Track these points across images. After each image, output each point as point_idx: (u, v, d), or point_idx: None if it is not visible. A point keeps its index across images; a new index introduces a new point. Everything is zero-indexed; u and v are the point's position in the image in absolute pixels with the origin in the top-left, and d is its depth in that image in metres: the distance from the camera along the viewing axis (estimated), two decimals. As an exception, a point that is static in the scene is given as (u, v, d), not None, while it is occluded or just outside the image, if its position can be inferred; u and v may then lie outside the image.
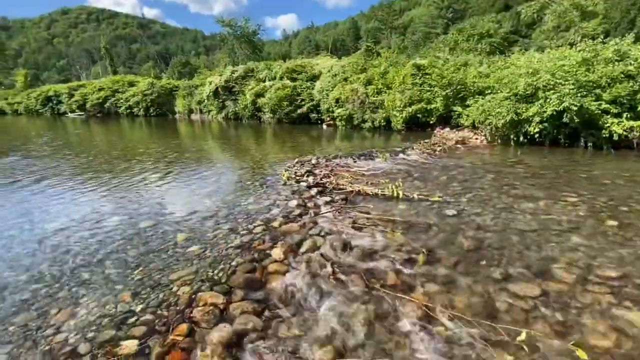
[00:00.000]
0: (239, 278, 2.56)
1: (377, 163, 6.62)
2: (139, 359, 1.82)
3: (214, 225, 3.65)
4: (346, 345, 1.94)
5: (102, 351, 1.86)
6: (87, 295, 2.41)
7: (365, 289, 2.46)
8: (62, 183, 5.68)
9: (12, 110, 34.49)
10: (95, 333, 2.02)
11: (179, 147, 10.04)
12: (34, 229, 3.67)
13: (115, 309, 2.24)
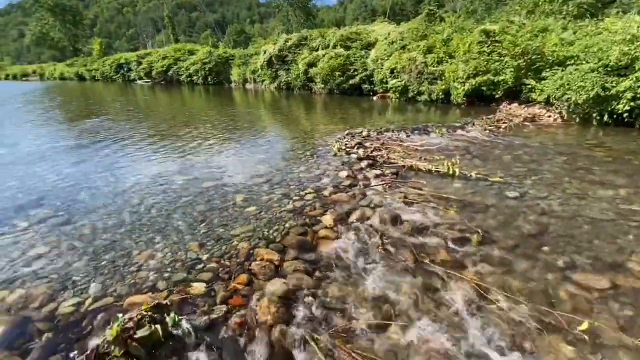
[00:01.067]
0: (292, 239, 2.72)
1: (432, 138, 6.31)
2: (206, 299, 2.06)
3: (268, 189, 3.85)
4: (392, 311, 2.00)
5: (176, 289, 2.14)
6: (161, 242, 2.75)
7: (413, 262, 2.47)
8: (135, 144, 6.34)
9: (91, 77, 38.40)
10: (170, 274, 2.32)
11: (235, 115, 10.49)
12: (114, 183, 4.19)
13: (185, 256, 2.54)
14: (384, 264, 2.44)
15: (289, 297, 2.09)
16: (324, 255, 2.56)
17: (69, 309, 1.98)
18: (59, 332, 1.82)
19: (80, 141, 6.69)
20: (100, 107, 13.50)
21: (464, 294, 2.15)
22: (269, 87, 20.35)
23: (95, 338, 1.73)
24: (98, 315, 1.92)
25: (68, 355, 1.66)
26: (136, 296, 2.07)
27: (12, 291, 2.15)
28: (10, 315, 1.95)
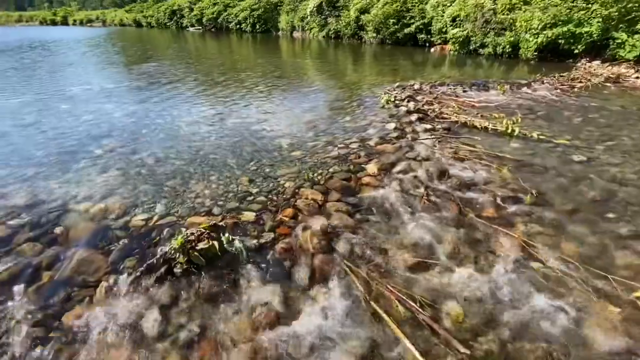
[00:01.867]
0: (335, 183, 2.78)
1: (493, 95, 5.76)
2: (256, 226, 2.24)
3: (313, 136, 3.88)
4: (431, 256, 2.03)
5: (229, 215, 2.34)
6: (215, 175, 2.96)
7: (458, 215, 2.42)
8: (188, 88, 6.61)
9: (146, 23, 39.49)
10: (224, 202, 2.53)
11: (282, 64, 10.35)
12: (172, 121, 4.48)
13: (236, 188, 2.73)
14: (426, 213, 2.43)
15: (331, 233, 2.19)
16: (365, 200, 2.60)
17: (140, 222, 2.28)
18: (133, 239, 2.12)
19: (140, 83, 7.12)
20: (156, 52, 14.03)
21: (509, 250, 2.10)
22: (317, 36, 19.52)
23: (162, 247, 2.00)
24: (164, 229, 2.19)
25: (141, 258, 1.95)
26: (195, 217, 2.31)
27: (94, 204, 2.50)
28: (94, 222, 2.29)
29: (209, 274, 1.83)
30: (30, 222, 2.27)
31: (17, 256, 1.97)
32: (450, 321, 1.62)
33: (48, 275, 1.83)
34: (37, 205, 2.46)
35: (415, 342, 1.50)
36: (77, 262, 1.89)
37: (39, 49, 14.72)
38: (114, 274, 1.83)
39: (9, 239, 2.11)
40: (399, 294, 1.74)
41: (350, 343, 1.52)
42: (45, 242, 2.08)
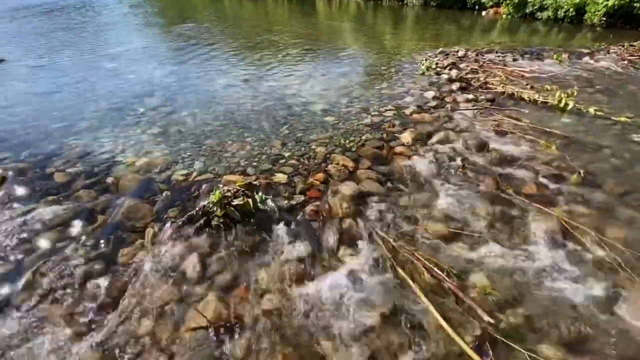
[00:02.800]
0: (367, 151, 2.75)
1: (547, 65, 5.24)
2: (287, 187, 2.31)
3: (347, 102, 3.80)
4: (463, 228, 2.00)
5: (263, 176, 2.42)
6: (250, 137, 3.03)
7: (495, 190, 2.33)
8: (224, 49, 6.60)
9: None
10: (257, 163, 2.60)
11: (318, 27, 9.96)
12: (209, 82, 4.54)
13: (269, 151, 2.79)
14: (461, 186, 2.36)
15: (360, 198, 2.21)
16: (397, 169, 2.56)
17: (180, 177, 2.42)
18: (175, 192, 2.27)
19: (179, 43, 7.21)
20: (193, 13, 14.00)
21: (547, 229, 2.01)
22: (355, -3, 18.37)
23: (201, 200, 2.12)
24: (202, 185, 2.31)
25: (182, 209, 2.09)
26: (231, 175, 2.41)
27: (139, 158, 2.67)
28: (140, 175, 2.47)
29: (244, 228, 1.94)
30: (85, 171, 2.49)
31: (75, 201, 2.19)
32: (477, 292, 1.63)
33: (102, 218, 2.04)
34: (91, 157, 2.67)
35: (439, 309, 1.53)
36: (127, 209, 2.08)
37: (83, 9, 15.18)
38: (159, 222, 1.99)
39: (68, 185, 2.34)
40: (426, 262, 1.75)
41: (373, 304, 1.58)
42: (99, 189, 2.29)
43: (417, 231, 1.98)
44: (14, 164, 2.56)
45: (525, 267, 1.77)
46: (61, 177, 2.40)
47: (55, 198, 2.19)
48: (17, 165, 2.53)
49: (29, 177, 2.42)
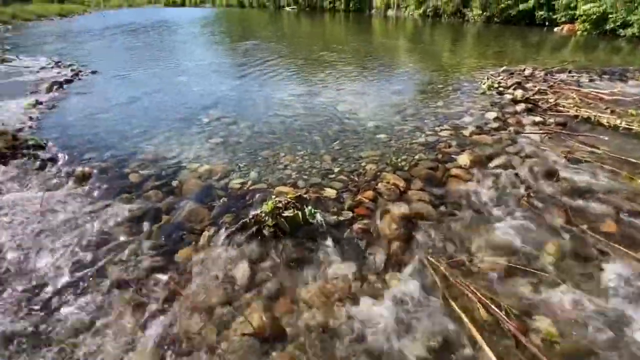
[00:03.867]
0: (420, 171, 2.67)
1: (631, 87, 4.69)
2: (336, 203, 2.32)
3: (400, 120, 3.75)
4: (525, 264, 1.83)
5: (312, 189, 2.46)
6: (302, 151, 3.11)
7: (566, 224, 2.10)
8: (282, 65, 6.94)
9: (248, 3, 42.22)
10: (308, 177, 2.66)
11: (373, 43, 10.07)
12: (266, 97, 4.80)
13: (320, 165, 2.83)
14: (524, 216, 2.17)
15: (411, 221, 2.14)
16: (452, 193, 2.44)
17: (237, 185, 2.56)
18: (231, 199, 2.40)
19: (241, 60, 7.77)
20: (255, 32, 15.01)
21: (627, 274, 1.75)
22: (413, 13, 18.32)
23: (254, 209, 2.22)
24: (256, 194, 2.42)
25: (237, 215, 2.20)
26: (283, 187, 2.49)
27: (201, 165, 2.88)
28: (201, 181, 2.65)
29: (292, 240, 1.98)
30: (155, 173, 2.75)
31: (145, 200, 2.42)
32: (541, 338, 1.46)
33: (166, 218, 2.22)
34: (161, 161, 2.95)
35: (496, 351, 1.40)
36: (188, 212, 2.24)
37: (160, 29, 17.12)
38: (215, 226, 2.12)
39: (140, 185, 2.60)
40: (482, 296, 1.62)
41: (420, 335, 1.49)
42: (166, 191, 2.50)
43: (473, 262, 1.84)
44: (97, 163, 2.92)
45: (600, 317, 1.55)
46: (135, 178, 2.68)
47: (129, 196, 2.44)
48: (100, 164, 2.88)
49: (109, 175, 2.73)
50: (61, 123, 3.94)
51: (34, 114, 4.22)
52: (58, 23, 23.91)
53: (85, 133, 3.59)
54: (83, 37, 14.15)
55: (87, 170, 2.74)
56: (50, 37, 14.26)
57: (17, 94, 5.20)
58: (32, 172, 2.86)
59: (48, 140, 3.36)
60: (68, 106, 4.57)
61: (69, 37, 14.02)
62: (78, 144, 3.30)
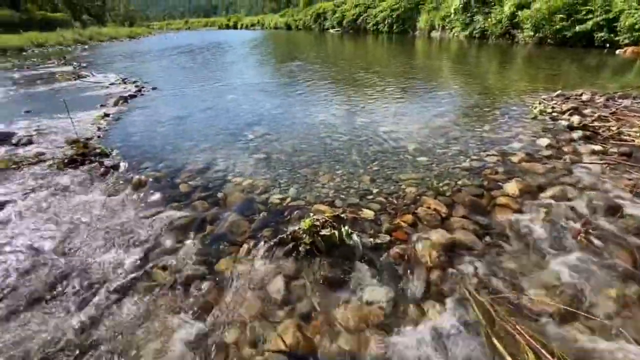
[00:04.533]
0: (463, 197, 2.56)
1: None
2: (373, 225, 2.29)
3: (443, 143, 3.65)
4: (582, 309, 1.65)
5: (350, 209, 2.46)
6: (340, 170, 3.14)
7: (632, 267, 1.89)
8: (324, 85, 7.15)
9: (295, 26, 44.42)
10: (345, 196, 2.67)
11: (416, 65, 10.04)
12: (308, 115, 4.95)
13: (358, 185, 2.84)
14: (582, 255, 1.98)
15: (453, 250, 2.05)
16: (499, 223, 2.31)
17: (276, 200, 2.63)
18: (270, 213, 2.48)
19: (286, 79, 8.13)
20: (300, 53, 15.69)
21: None
22: (458, 35, 18.06)
23: (292, 226, 2.26)
24: (294, 210, 2.47)
25: (275, 230, 2.26)
26: (320, 205, 2.52)
27: (244, 179, 3.02)
28: (244, 194, 2.77)
29: (328, 259, 1.98)
30: (202, 185, 2.92)
31: (192, 209, 2.57)
32: (602, 395, 1.30)
33: (210, 228, 2.34)
34: (208, 173, 3.14)
35: (546, 402, 1.27)
36: (230, 223, 2.34)
37: (214, 49, 18.49)
38: (254, 239, 2.19)
39: (189, 195, 2.78)
40: (531, 339, 1.49)
41: (460, 373, 1.40)
42: (211, 202, 2.65)
43: (521, 300, 1.71)
44: (152, 172, 3.18)
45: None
46: (185, 188, 2.87)
47: (178, 205, 2.62)
48: (155, 174, 3.13)
49: (162, 184, 2.96)
50: (124, 134, 4.36)
51: (102, 125, 4.73)
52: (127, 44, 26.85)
53: (143, 144, 3.94)
54: (146, 56, 15.73)
55: (143, 178, 2.99)
56: (119, 56, 16.03)
57: (89, 107, 5.88)
58: (97, 177, 3.18)
59: (112, 149, 3.73)
60: (131, 119, 5.06)
61: (135, 57, 15.65)
62: (137, 154, 3.63)
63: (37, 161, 3.53)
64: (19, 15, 34.05)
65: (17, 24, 30.75)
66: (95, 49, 22.45)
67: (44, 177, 3.23)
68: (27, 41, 23.41)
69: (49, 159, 3.58)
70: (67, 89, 7.90)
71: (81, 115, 5.25)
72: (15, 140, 4.24)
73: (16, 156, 3.71)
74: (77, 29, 34.44)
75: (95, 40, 30.79)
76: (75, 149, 3.73)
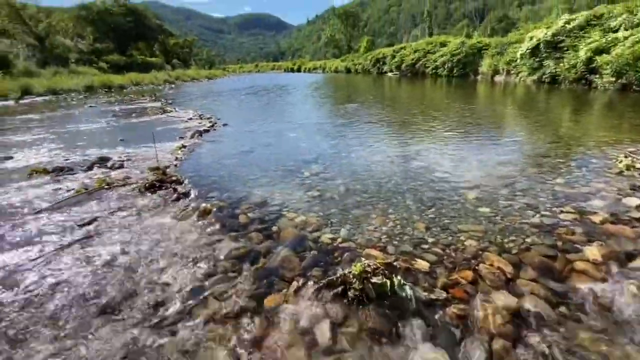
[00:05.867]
0: (533, 257, 2.32)
1: None
2: (428, 278, 2.16)
3: (508, 194, 3.41)
4: (698, 419, 1.33)
5: (402, 257, 2.37)
6: (393, 214, 3.09)
7: None
8: (380, 127, 7.27)
9: (354, 69, 46.79)
10: (398, 243, 2.59)
11: (478, 109, 9.76)
12: (363, 156, 5.02)
13: (412, 232, 2.74)
14: (692, 345, 1.63)
15: (520, 317, 1.83)
16: (577, 292, 2.02)
17: (327, 240, 2.66)
18: (321, 252, 2.50)
19: (343, 120, 8.46)
20: (358, 95, 16.35)
21: None
22: (525, 80, 17.31)
23: (342, 268, 2.24)
24: (345, 252, 2.46)
25: (325, 270, 2.26)
26: (372, 249, 2.47)
27: (298, 215, 3.12)
28: (297, 230, 2.85)
29: (378, 309, 1.90)
30: (259, 217, 3.08)
31: (248, 240, 2.71)
32: None
33: (263, 261, 2.42)
34: (265, 206, 3.32)
35: None
36: (282, 258, 2.41)
37: (279, 90, 20.16)
38: (303, 278, 2.20)
39: (246, 226, 2.94)
40: None
41: None
42: (266, 235, 2.77)
43: (610, 392, 1.44)
44: (217, 202, 3.45)
45: None
46: (243, 219, 3.06)
47: (236, 234, 2.78)
48: (219, 203, 3.40)
49: (224, 213, 3.18)
50: (196, 164, 4.86)
51: (179, 155, 5.34)
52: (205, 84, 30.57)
53: (212, 174, 4.34)
54: (220, 95, 17.70)
55: (209, 207, 3.26)
56: (198, 94, 18.27)
57: (170, 138, 6.71)
58: (170, 202, 3.54)
59: (185, 178, 4.17)
60: (203, 151, 5.65)
61: (211, 95, 17.70)
62: (206, 183, 3.99)
63: (124, 184, 4.08)
64: (124, 59, 41.44)
65: (122, 66, 37.31)
66: (180, 87, 25.95)
67: (128, 198, 3.70)
68: (128, 80, 28.09)
69: (134, 182, 4.11)
70: (154, 122, 9.17)
71: (163, 145, 6.01)
72: (110, 164, 4.98)
73: (109, 178, 4.33)
74: (168, 71, 40.47)
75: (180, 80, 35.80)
76: (155, 175, 4.24)
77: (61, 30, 41.02)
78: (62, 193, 3.89)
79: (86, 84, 23.09)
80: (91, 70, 31.54)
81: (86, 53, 38.62)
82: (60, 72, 26.73)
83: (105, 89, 23.89)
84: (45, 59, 30.97)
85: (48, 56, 32.10)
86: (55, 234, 2.94)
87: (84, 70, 30.46)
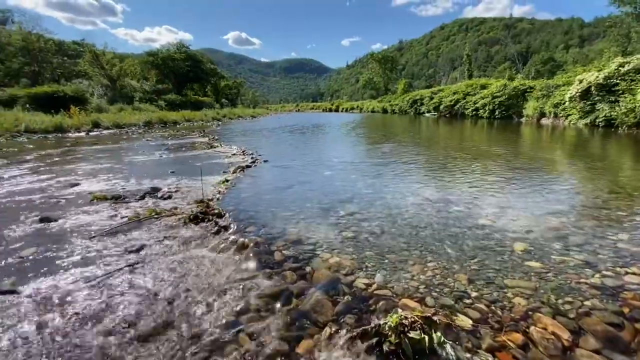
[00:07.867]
0: (594, 325, 2.06)
1: None
2: (471, 337, 1.99)
3: (561, 248, 3.13)
4: None
5: (442, 311, 2.22)
6: (432, 262, 2.95)
7: None
8: (418, 168, 7.18)
9: (391, 110, 47.62)
10: (438, 295, 2.44)
11: (524, 153, 9.34)
12: (400, 198, 4.95)
13: (453, 284, 2.58)
14: None
15: (582, 397, 1.60)
16: (653, 372, 1.74)
17: (362, 285, 2.58)
18: (355, 298, 2.42)
19: (379, 160, 8.50)
20: (394, 135, 16.46)
21: None
22: (575, 123, 16.41)
23: (377, 318, 2.15)
24: (380, 300, 2.36)
25: (359, 318, 2.18)
26: (408, 300, 2.36)
27: (332, 257, 3.09)
28: (330, 272, 2.82)
29: (415, 368, 1.78)
30: (293, 255, 3.10)
31: (282, 278, 2.72)
32: None
33: (296, 302, 2.40)
34: (300, 244, 3.34)
35: None
36: (315, 301, 2.37)
37: (317, 129, 20.93)
38: (336, 324, 2.14)
39: (280, 264, 2.96)
40: None
41: None
42: (300, 274, 2.76)
43: None
44: (254, 237, 3.54)
45: None
46: (279, 256, 3.09)
47: (271, 272, 2.80)
48: (256, 238, 3.48)
49: (260, 249, 3.25)
50: (238, 198, 5.09)
51: (222, 189, 5.64)
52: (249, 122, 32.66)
53: (251, 209, 4.51)
54: (262, 133, 18.76)
55: (246, 242, 3.36)
56: (242, 131, 19.51)
57: (215, 172, 7.15)
58: (210, 235, 3.70)
59: (226, 211, 4.36)
60: (244, 186, 5.92)
61: (253, 133, 18.82)
62: (245, 218, 4.15)
63: (172, 214, 4.36)
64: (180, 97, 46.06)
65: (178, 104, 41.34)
66: (226, 124, 27.95)
67: (174, 228, 3.93)
68: (181, 117, 30.90)
69: (180, 213, 4.38)
70: (202, 156, 9.87)
71: (208, 179, 6.41)
72: (160, 194, 5.38)
73: (158, 208, 4.66)
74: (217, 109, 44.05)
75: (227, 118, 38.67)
76: (199, 207, 4.50)
77: (130, 72, 47.30)
78: (117, 219, 4.24)
79: (145, 119, 25.78)
80: (151, 107, 35.35)
81: (149, 92, 43.71)
82: (125, 109, 30.25)
83: (161, 124, 26.49)
84: (114, 97, 35.49)
85: (117, 95, 36.79)
86: (109, 257, 3.17)
87: (145, 107, 34.22)
